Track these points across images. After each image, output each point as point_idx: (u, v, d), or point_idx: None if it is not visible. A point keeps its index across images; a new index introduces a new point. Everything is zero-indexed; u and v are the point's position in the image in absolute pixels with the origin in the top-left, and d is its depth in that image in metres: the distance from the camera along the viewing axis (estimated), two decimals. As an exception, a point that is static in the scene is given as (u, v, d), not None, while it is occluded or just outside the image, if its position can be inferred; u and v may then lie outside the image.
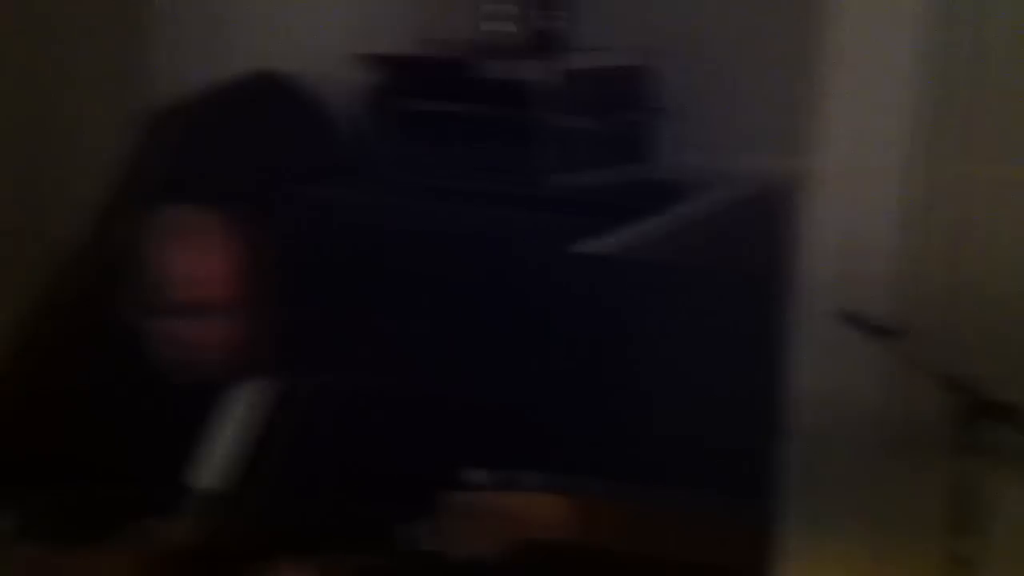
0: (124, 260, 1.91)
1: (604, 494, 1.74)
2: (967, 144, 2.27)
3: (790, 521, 2.12)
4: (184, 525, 1.87)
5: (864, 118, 2.31)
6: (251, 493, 1.89)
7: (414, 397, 1.84)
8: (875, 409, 2.24)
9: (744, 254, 2.45)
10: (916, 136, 2.26)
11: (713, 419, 2.26)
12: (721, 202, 2.58)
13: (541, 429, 1.88)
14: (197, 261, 1.85)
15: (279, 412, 1.91)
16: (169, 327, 1.88)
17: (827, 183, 2.31)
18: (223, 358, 1.89)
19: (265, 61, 2.27)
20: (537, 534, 1.66)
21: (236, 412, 1.95)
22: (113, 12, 3.02)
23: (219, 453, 1.94)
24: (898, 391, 2.16)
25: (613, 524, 1.71)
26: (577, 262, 2.29)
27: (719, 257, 2.44)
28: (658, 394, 2.24)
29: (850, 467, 2.25)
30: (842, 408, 2.25)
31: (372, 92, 2.58)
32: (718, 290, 2.45)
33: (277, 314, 1.90)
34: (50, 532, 1.91)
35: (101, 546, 1.87)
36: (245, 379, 1.96)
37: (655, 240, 2.43)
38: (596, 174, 2.61)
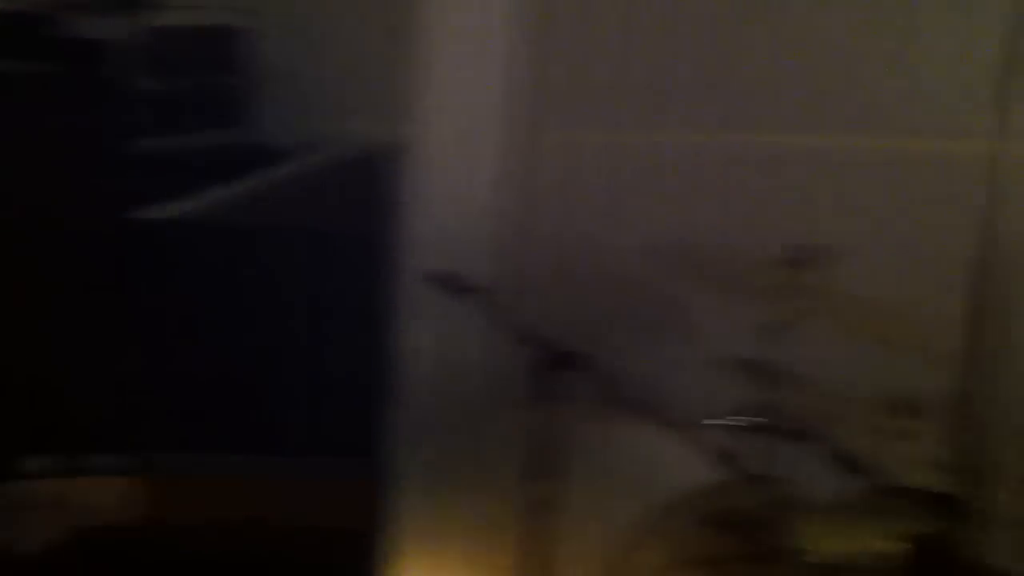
0: None
1: (182, 471, 1.65)
2: (572, 112, 2.33)
3: (399, 477, 2.13)
4: None
5: (466, 86, 2.33)
6: None
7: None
8: (474, 364, 2.27)
9: (345, 217, 2.42)
10: (517, 104, 2.30)
11: (317, 382, 2.22)
12: (320, 166, 2.54)
13: (117, 406, 1.77)
14: None
15: None
16: None
17: (431, 148, 2.32)
18: None
19: None
20: (105, 519, 1.55)
21: None
22: None
23: None
24: (492, 347, 2.20)
25: (191, 500, 1.62)
26: (165, 227, 2.18)
27: (319, 219, 2.40)
28: (258, 360, 2.17)
29: (453, 421, 2.28)
30: (446, 365, 2.27)
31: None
32: (319, 252, 2.40)
33: None
34: None
35: None
36: None
37: (250, 203, 2.36)
38: (187, 137, 2.50)
